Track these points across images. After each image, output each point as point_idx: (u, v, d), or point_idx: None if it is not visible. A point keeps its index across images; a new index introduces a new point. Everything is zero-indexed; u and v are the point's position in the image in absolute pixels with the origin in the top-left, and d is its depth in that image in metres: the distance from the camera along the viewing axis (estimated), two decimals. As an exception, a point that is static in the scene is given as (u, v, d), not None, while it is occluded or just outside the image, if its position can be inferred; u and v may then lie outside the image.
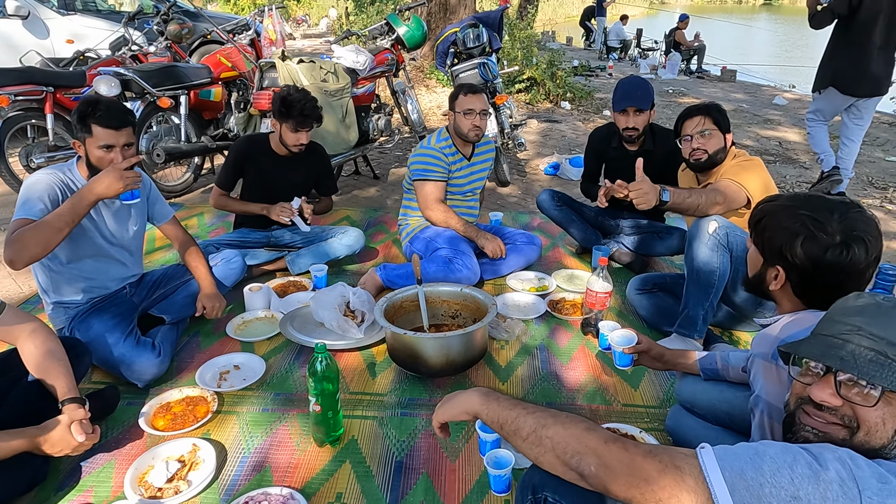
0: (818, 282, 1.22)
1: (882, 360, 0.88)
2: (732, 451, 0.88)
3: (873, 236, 1.19)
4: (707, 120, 2.34)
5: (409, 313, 2.36)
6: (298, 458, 1.79)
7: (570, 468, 0.95)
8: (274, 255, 2.98)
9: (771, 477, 0.82)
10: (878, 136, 6.58)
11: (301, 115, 2.67)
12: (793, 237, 1.23)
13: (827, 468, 0.81)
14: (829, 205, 1.22)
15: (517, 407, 1.06)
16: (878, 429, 0.89)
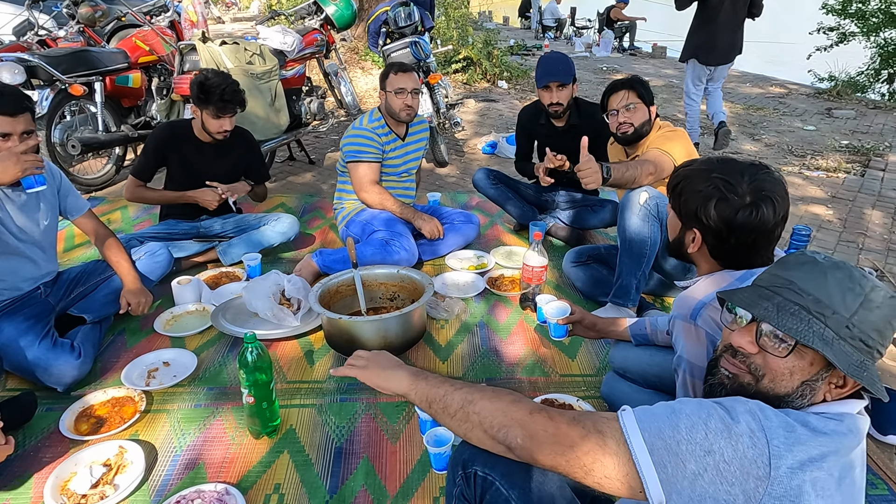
0: (731, 242, 1.26)
1: (804, 315, 0.91)
2: (651, 411, 0.90)
3: (781, 196, 1.24)
4: (631, 94, 2.38)
5: (345, 298, 2.32)
6: (234, 453, 1.74)
7: (497, 441, 0.96)
8: (204, 246, 2.86)
9: (687, 434, 0.84)
10: (796, 107, 6.91)
11: (221, 101, 2.55)
12: (706, 200, 1.26)
13: (738, 421, 0.83)
14: (740, 167, 1.27)
15: (444, 384, 1.06)
16: (783, 378, 0.92)
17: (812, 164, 4.68)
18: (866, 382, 0.87)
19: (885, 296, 0.90)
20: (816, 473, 0.82)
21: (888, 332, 0.90)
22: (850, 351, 0.88)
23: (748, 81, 8.58)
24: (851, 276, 0.91)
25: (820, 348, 0.88)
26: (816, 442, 0.83)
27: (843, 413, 0.89)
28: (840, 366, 0.87)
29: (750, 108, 6.76)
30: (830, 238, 3.25)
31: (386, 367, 1.17)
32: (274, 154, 4.17)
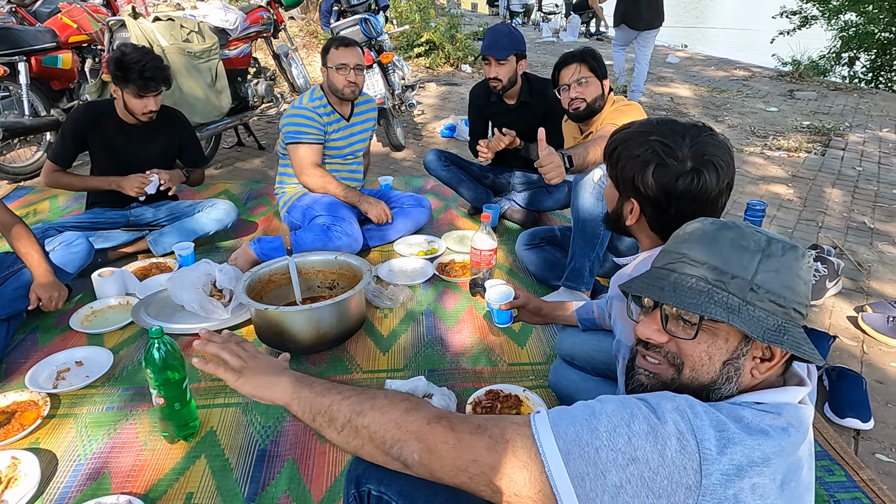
0: (671, 213, 1.14)
1: (702, 286, 0.80)
2: (568, 413, 0.77)
3: (725, 161, 1.11)
4: (583, 67, 2.24)
5: (280, 288, 2.16)
6: (144, 460, 1.57)
7: (391, 458, 0.82)
8: (133, 236, 2.66)
9: (608, 439, 0.72)
10: (759, 89, 6.90)
11: (141, 79, 2.34)
12: (644, 166, 1.13)
13: (665, 421, 0.71)
14: (681, 129, 1.14)
15: (331, 392, 0.91)
16: (703, 364, 0.81)
17: (774, 144, 4.64)
18: (788, 346, 0.76)
19: (783, 247, 0.79)
20: (756, 479, 0.70)
21: (799, 286, 0.79)
22: (763, 315, 0.77)
23: (713, 65, 8.57)
24: (743, 233, 0.80)
25: (726, 318, 0.76)
26: (753, 442, 0.71)
27: (781, 403, 0.77)
28: (753, 333, 0.76)
29: (714, 90, 6.73)
30: (790, 217, 3.19)
31: (265, 371, 0.99)
32: (219, 138, 3.96)
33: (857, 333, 2.16)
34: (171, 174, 2.60)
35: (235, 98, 3.88)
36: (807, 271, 0.80)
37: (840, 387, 1.76)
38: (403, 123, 4.92)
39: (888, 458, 1.61)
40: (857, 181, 3.75)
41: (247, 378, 1.00)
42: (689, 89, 6.77)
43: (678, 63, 8.60)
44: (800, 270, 0.79)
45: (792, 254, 0.79)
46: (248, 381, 1.00)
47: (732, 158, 1.14)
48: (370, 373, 1.92)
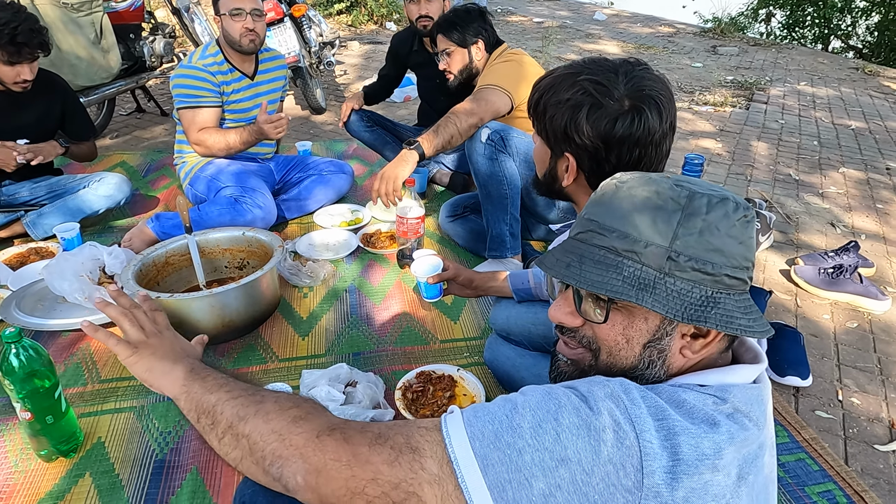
0: (612, 161, 0.99)
1: (611, 259, 0.66)
2: (486, 410, 0.63)
3: (665, 96, 0.98)
4: (443, 39, 2.17)
5: (180, 270, 1.91)
6: (14, 484, 1.33)
7: (272, 478, 0.66)
8: (8, 218, 2.30)
9: (532, 438, 0.58)
10: (684, 45, 6.94)
11: (12, 44, 1.97)
12: (575, 110, 0.98)
13: (599, 411, 0.59)
14: (612, 65, 0.99)
15: (221, 389, 0.74)
16: (620, 348, 0.68)
17: (700, 99, 4.64)
18: (714, 323, 0.63)
19: (709, 202, 0.65)
20: (708, 476, 0.57)
21: (732, 246, 0.65)
22: (687, 287, 0.64)
23: (639, 22, 8.58)
24: (659, 190, 0.66)
25: (634, 298, 0.63)
26: (699, 430, 0.59)
27: (728, 385, 0.65)
28: (668, 312, 0.63)
29: (641, 46, 6.71)
30: (720, 171, 3.17)
31: (163, 354, 0.82)
32: (113, 104, 3.53)
33: (791, 287, 2.15)
34: (41, 146, 2.24)
35: (129, 58, 3.46)
36: (742, 227, 0.65)
37: (778, 344, 1.71)
38: (324, 84, 4.61)
39: (827, 415, 1.58)
40: (781, 134, 3.79)
41: (141, 356, 0.83)
42: (618, 46, 6.73)
43: (605, 20, 8.55)
44: (731, 228, 0.65)
45: (720, 208, 0.65)
46: (143, 360, 0.83)
47: (672, 95, 1.00)
48: (287, 361, 1.72)
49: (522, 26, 7.92)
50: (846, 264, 2.07)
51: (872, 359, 1.80)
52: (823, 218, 2.67)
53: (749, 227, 0.67)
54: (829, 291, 2.06)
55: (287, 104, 4.08)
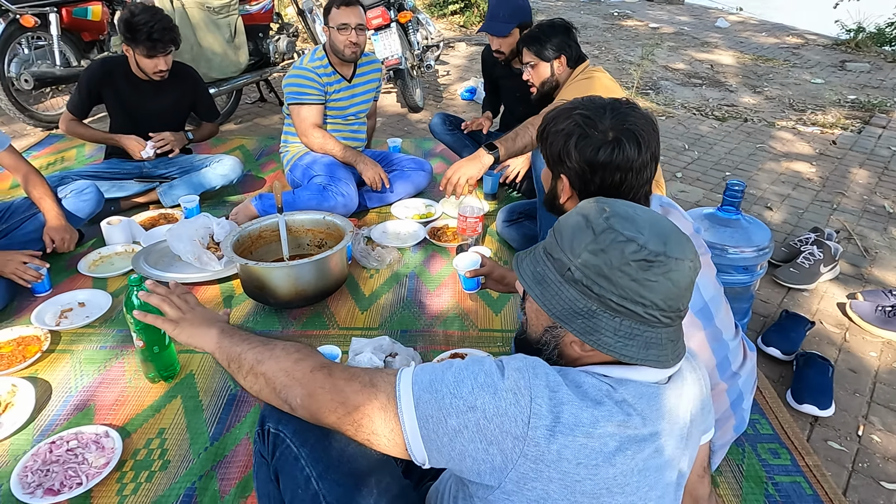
0: (597, 182, 1.16)
1: (540, 257, 0.85)
2: (431, 367, 0.86)
3: (646, 132, 1.14)
4: (527, 52, 2.27)
5: (271, 244, 2.25)
6: (127, 396, 1.71)
7: (282, 401, 0.92)
8: (145, 187, 2.79)
9: (454, 387, 0.79)
10: (809, 58, 6.53)
11: (150, 40, 2.41)
12: (567, 138, 1.16)
13: (506, 377, 0.79)
14: (604, 103, 1.17)
15: (244, 343, 1.00)
16: (533, 323, 0.89)
17: (810, 119, 4.43)
18: (575, 329, 0.80)
19: (613, 239, 0.79)
20: (582, 440, 0.75)
21: (623, 281, 0.77)
22: (576, 297, 0.80)
23: (765, 31, 8.12)
24: (588, 216, 0.82)
25: (528, 288, 0.83)
26: (582, 404, 0.76)
27: (625, 380, 0.81)
28: (545, 307, 0.81)
29: (759, 58, 6.40)
30: (805, 196, 3.08)
31: (199, 323, 1.09)
32: (240, 94, 4.04)
33: (844, 321, 2.12)
34: (171, 137, 2.69)
35: (257, 54, 3.94)
36: (638, 268, 0.77)
37: (804, 373, 1.75)
38: (426, 84, 4.91)
39: (840, 447, 1.61)
40: (889, 163, 3.57)
41: (182, 328, 1.10)
42: (733, 56, 6.46)
43: (727, 28, 8.18)
44: (624, 265, 0.77)
45: (619, 248, 0.78)
46: (184, 330, 1.10)
47: (656, 131, 1.16)
48: (346, 329, 2.00)
49: (636, 31, 7.79)
50: (906, 304, 2.01)
51: (910, 401, 1.78)
52: (907, 255, 2.55)
53: (648, 271, 0.77)
54: (883, 330, 2.02)
55: (388, 101, 4.42)
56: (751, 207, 2.93)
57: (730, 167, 3.43)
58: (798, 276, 2.26)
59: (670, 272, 0.78)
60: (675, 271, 0.78)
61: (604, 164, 1.13)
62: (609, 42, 6.98)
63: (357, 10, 2.58)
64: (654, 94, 4.97)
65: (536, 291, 0.83)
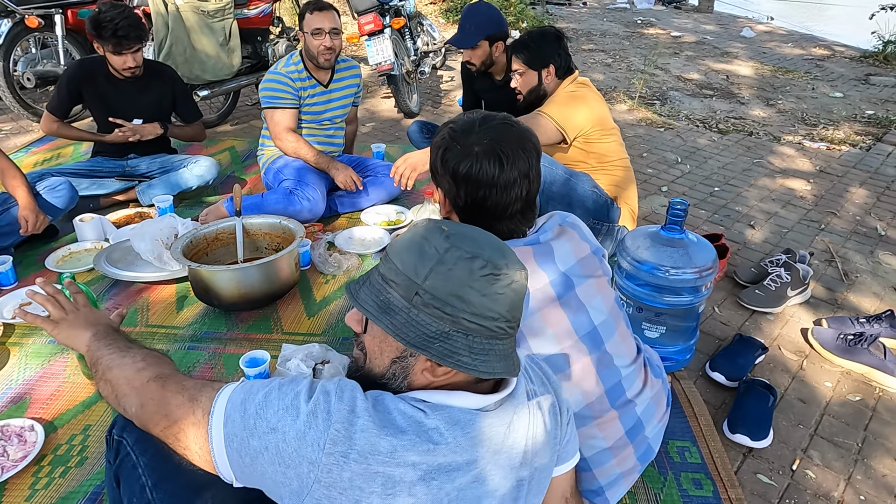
0: (463, 197, 1.15)
1: (379, 284, 0.83)
2: (251, 385, 0.85)
3: (512, 150, 1.12)
4: (515, 59, 2.24)
5: (228, 245, 2.28)
6: (63, 391, 1.75)
7: (122, 409, 0.94)
8: (126, 185, 2.86)
9: (261, 408, 0.79)
10: (833, 71, 6.31)
11: (115, 37, 2.47)
12: (437, 150, 1.16)
13: (311, 400, 0.78)
14: (475, 117, 1.16)
15: (107, 348, 1.02)
16: (376, 357, 0.85)
17: (819, 134, 4.27)
18: (433, 355, 0.78)
19: (458, 257, 0.78)
20: (379, 469, 0.73)
21: (472, 296, 0.77)
22: (427, 320, 0.78)
23: (791, 41, 7.88)
24: (427, 238, 0.80)
25: (374, 317, 0.80)
26: (382, 433, 0.75)
27: (443, 405, 0.79)
28: (396, 335, 0.78)
29: (779, 70, 6.21)
30: (792, 215, 2.97)
31: (78, 325, 1.10)
32: (238, 96, 4.11)
33: (804, 347, 2.03)
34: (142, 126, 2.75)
35: (255, 57, 4.01)
36: (486, 282, 0.78)
37: (743, 401, 1.68)
38: (427, 90, 4.91)
39: (769, 481, 1.54)
40: (892, 182, 3.41)
41: (61, 328, 1.12)
42: (752, 67, 6.29)
43: (752, 37, 7.97)
44: (473, 281, 0.77)
45: (466, 265, 0.78)
46: (62, 331, 1.12)
47: (528, 150, 1.13)
48: (288, 335, 2.01)
49: (656, 39, 7.66)
50: (868, 333, 1.92)
51: (858, 436, 1.69)
52: (888, 281, 2.43)
53: (495, 283, 0.78)
54: (842, 359, 1.93)
55: (384, 106, 4.44)
56: (733, 225, 2.84)
57: (720, 182, 3.33)
58: (762, 299, 2.18)
59: (513, 283, 0.79)
60: (516, 282, 0.80)
61: (465, 178, 1.12)
62: (625, 50, 6.87)
63: (330, 15, 2.60)
64: (659, 104, 4.87)
65: (385, 321, 0.79)
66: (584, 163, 2.24)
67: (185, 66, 3.45)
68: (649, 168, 3.47)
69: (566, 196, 2.10)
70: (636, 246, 1.76)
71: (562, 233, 1.21)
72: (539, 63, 2.24)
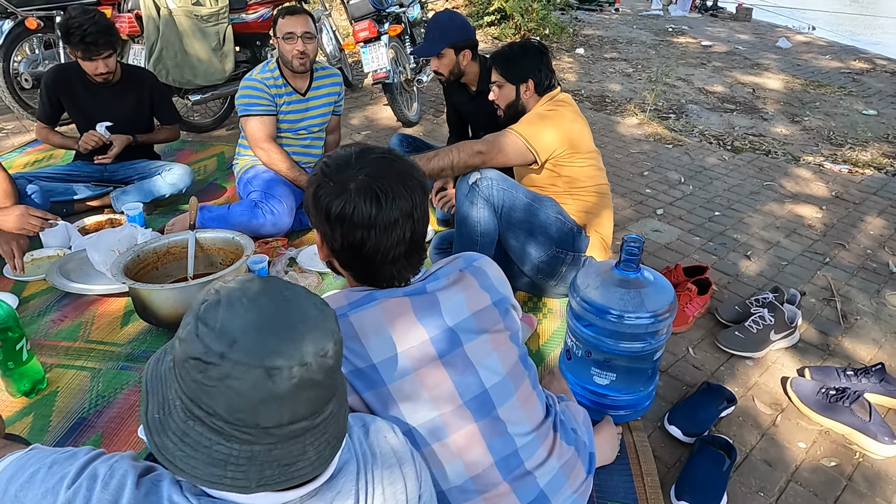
0: (339, 239, 1.02)
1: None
2: (35, 453, 0.76)
3: (392, 189, 0.99)
4: (494, 71, 2.11)
5: (180, 260, 2.21)
6: (-17, 409, 1.70)
7: None
8: (101, 191, 2.84)
9: (22, 490, 0.71)
10: (871, 86, 5.95)
11: (83, 43, 2.43)
12: (311, 186, 1.04)
13: (71, 487, 0.69)
14: (353, 151, 1.04)
15: None
16: None
17: (843, 155, 4.00)
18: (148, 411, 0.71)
19: (190, 329, 0.68)
20: None
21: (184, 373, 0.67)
22: (169, 380, 0.72)
23: (830, 53, 7.49)
24: (199, 297, 0.72)
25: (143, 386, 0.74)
26: None
27: (228, 499, 0.69)
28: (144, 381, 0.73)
29: (811, 83, 5.89)
30: (796, 246, 2.75)
31: None
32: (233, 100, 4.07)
33: (782, 399, 1.84)
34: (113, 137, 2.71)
35: (254, 62, 3.95)
36: (194, 369, 0.66)
37: (694, 463, 1.51)
38: (432, 98, 4.80)
39: (712, 558, 1.37)
40: (916, 212, 3.15)
41: None
42: (782, 80, 5.98)
43: (788, 48, 7.61)
44: (185, 361, 0.67)
45: (188, 339, 0.67)
46: None
47: (411, 186, 1.01)
48: (226, 358, 1.92)
49: (685, 48, 7.38)
50: (852, 389, 1.72)
51: (826, 509, 1.50)
52: (891, 326, 2.21)
53: (205, 373, 0.65)
54: (821, 416, 1.73)
55: (384, 114, 4.35)
56: (727, 255, 2.64)
57: (722, 206, 3.12)
58: (741, 342, 1.99)
59: (228, 379, 0.64)
60: (237, 379, 0.64)
61: (339, 219, 0.99)
62: (649, 60, 6.62)
63: (303, 19, 2.51)
64: (674, 118, 4.65)
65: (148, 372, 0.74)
66: (553, 186, 2.10)
67: (176, 71, 3.42)
68: (648, 188, 3.28)
69: (526, 223, 1.96)
70: (586, 284, 1.61)
71: (458, 280, 1.08)
72: (517, 77, 2.11)
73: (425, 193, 1.04)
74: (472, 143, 1.95)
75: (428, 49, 2.51)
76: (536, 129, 1.97)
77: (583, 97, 5.11)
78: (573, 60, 6.37)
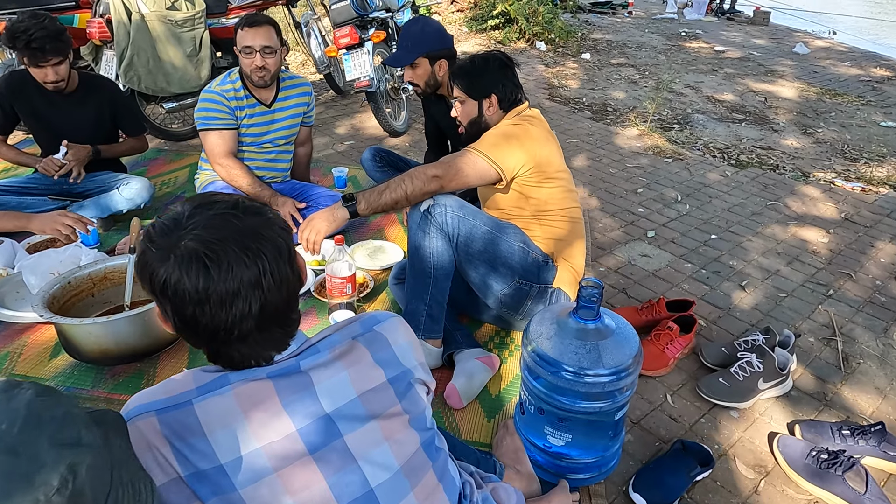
0: (171, 314, 0.83)
1: None
2: None
3: (227, 252, 0.79)
4: (455, 86, 1.93)
5: (118, 286, 2.06)
6: None
7: None
8: (56, 205, 2.70)
9: None
10: (891, 95, 5.65)
11: (28, 49, 2.29)
12: (139, 255, 0.84)
13: None
14: (191, 207, 0.84)
15: None
16: None
17: (858, 171, 3.74)
18: None
19: None
20: None
21: None
22: None
23: (850, 59, 7.18)
24: None
25: None
26: None
27: None
28: None
29: (827, 92, 5.61)
30: (797, 276, 2.52)
31: None
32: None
33: (767, 460, 1.63)
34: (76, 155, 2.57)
35: (236, 68, 3.82)
36: None
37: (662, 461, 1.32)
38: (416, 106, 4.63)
39: None
40: (934, 237, 2.90)
41: None
42: (796, 88, 5.71)
43: (805, 54, 7.31)
44: None
45: None
46: None
47: (257, 251, 0.81)
48: (155, 398, 1.76)
49: (696, 54, 7.13)
50: (847, 454, 1.51)
51: None
52: (899, 372, 1.99)
53: None
54: (810, 484, 1.53)
55: (371, 123, 4.18)
56: (720, 284, 2.43)
57: (719, 228, 2.90)
58: (725, 391, 1.79)
59: None
60: None
61: (163, 291, 0.80)
62: (658, 66, 6.39)
63: (264, 31, 2.36)
64: (678, 129, 4.43)
65: None
66: (520, 209, 1.91)
67: (148, 78, 3.30)
68: (641, 207, 3.07)
69: (486, 252, 1.77)
70: (539, 333, 1.42)
71: (345, 353, 0.90)
72: (479, 92, 1.93)
73: (290, 255, 0.86)
74: (426, 168, 1.77)
75: (400, 59, 2.33)
76: (499, 145, 1.79)
77: (583, 105, 4.90)
78: (578, 66, 6.15)
